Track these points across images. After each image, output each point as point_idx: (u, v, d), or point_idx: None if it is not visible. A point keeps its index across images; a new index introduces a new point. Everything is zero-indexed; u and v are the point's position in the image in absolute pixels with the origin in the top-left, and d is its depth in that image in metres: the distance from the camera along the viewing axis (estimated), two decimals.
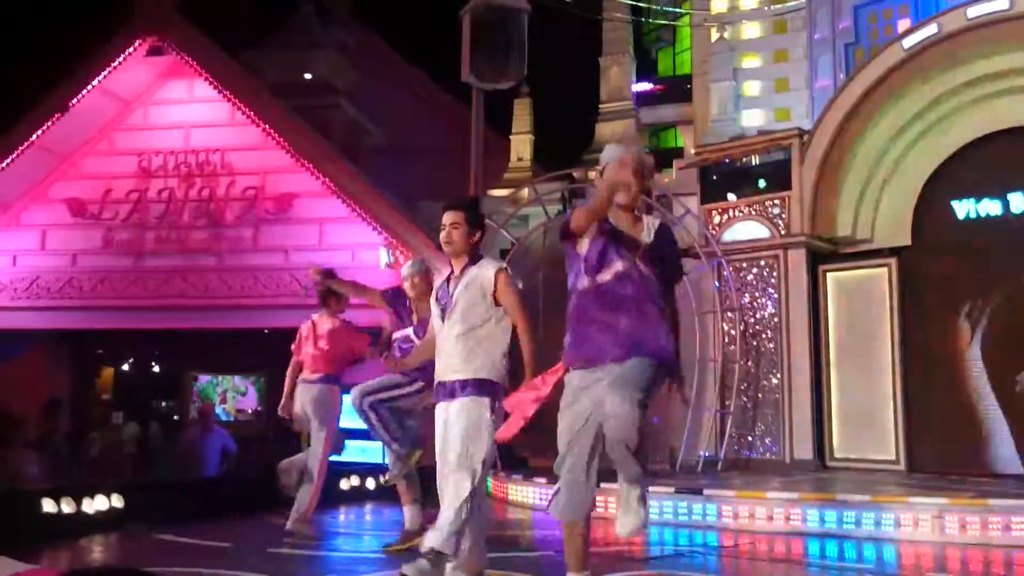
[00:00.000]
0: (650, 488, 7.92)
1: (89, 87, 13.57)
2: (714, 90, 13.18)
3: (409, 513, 6.09)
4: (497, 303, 4.21)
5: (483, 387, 4.13)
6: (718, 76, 13.19)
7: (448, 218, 4.32)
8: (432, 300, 4.36)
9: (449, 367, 4.20)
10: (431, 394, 5.93)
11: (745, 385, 11.20)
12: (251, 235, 13.52)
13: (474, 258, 4.31)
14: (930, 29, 10.13)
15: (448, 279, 4.32)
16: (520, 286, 4.33)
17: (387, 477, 6.36)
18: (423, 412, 6.17)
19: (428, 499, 5.32)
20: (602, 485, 3.83)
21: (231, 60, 13.99)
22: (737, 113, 13.14)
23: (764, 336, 11.23)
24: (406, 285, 6.10)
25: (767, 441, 10.96)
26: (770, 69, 13.33)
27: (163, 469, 11.87)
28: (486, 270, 4.24)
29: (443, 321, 4.24)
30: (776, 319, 11.07)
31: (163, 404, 17.33)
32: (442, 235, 4.32)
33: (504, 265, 4.32)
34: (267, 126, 13.26)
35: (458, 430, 4.09)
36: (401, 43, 18.67)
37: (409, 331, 6.08)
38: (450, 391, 4.19)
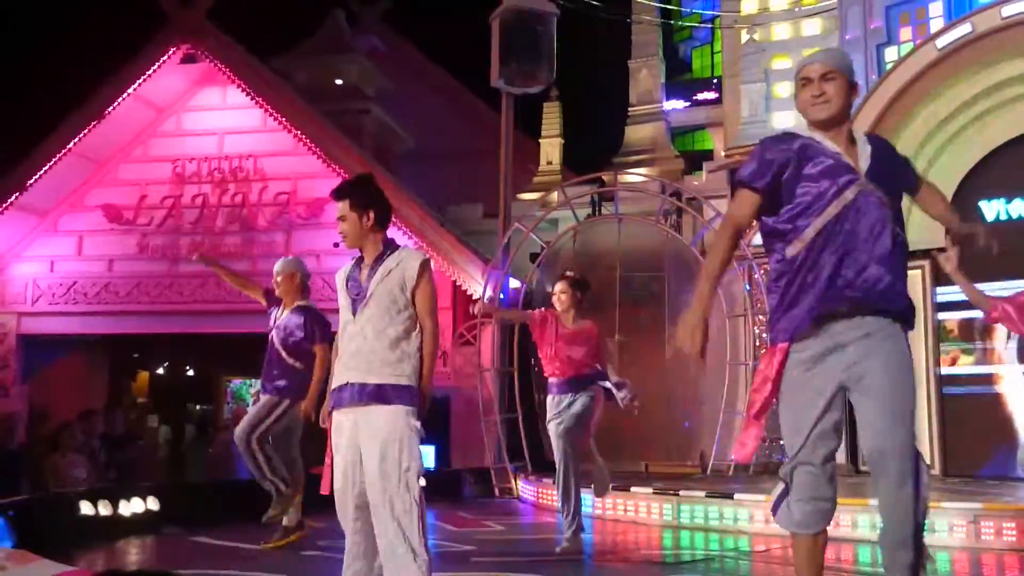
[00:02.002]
0: (683, 492, 7.95)
1: (124, 95, 13.75)
2: (744, 92, 13.12)
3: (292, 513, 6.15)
4: (413, 299, 3.76)
5: (411, 395, 3.65)
6: (748, 78, 13.12)
7: (337, 211, 3.85)
8: (341, 291, 3.86)
9: (365, 367, 3.66)
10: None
11: None
12: (283, 240, 13.64)
13: (388, 244, 3.85)
14: (964, 28, 10.01)
15: (357, 266, 3.86)
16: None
17: (265, 518, 6.11)
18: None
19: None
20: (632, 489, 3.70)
21: (263, 67, 14.13)
22: (768, 115, 13.06)
23: None
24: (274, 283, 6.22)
25: None
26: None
27: (197, 471, 12.02)
28: (409, 260, 3.78)
29: (354, 314, 3.74)
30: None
31: (197, 407, 17.55)
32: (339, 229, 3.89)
33: (427, 257, 3.89)
34: (299, 132, 13.37)
35: (390, 442, 3.55)
36: (431, 48, 18.78)
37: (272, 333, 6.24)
38: (369, 395, 3.62)
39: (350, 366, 3.68)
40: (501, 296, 11.52)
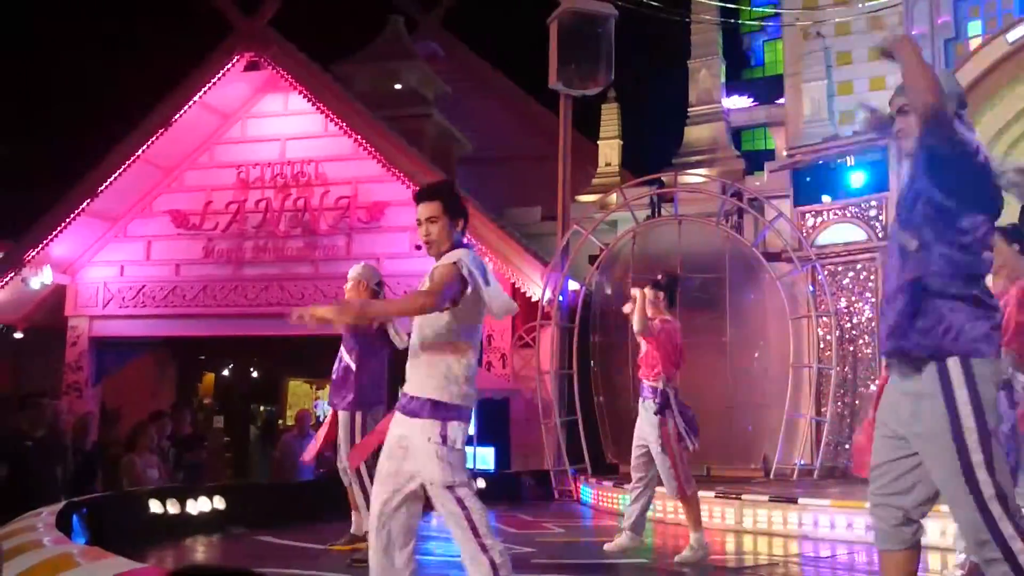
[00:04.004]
0: (745, 495, 7.85)
1: (191, 103, 14.05)
2: (807, 90, 12.91)
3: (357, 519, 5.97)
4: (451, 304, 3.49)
5: (436, 409, 3.47)
6: (811, 76, 12.91)
7: (423, 212, 3.60)
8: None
9: (408, 379, 3.58)
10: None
11: (842, 392, 10.93)
12: (344, 243, 13.80)
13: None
14: None
15: None
16: (467, 277, 3.46)
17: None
18: None
19: None
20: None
21: (324, 73, 14.32)
22: (831, 113, 12.84)
23: (861, 341, 10.94)
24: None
25: None
26: (865, 67, 12.99)
27: (261, 472, 12.21)
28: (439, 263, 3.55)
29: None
30: (874, 324, 10.77)
31: (262, 409, 17.84)
32: (420, 232, 3.64)
33: (458, 258, 3.53)
34: (359, 137, 13.52)
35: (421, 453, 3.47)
36: (490, 52, 18.86)
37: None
38: (407, 408, 3.52)
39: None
40: (560, 298, 11.51)
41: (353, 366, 5.94)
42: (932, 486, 2.90)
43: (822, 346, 11.10)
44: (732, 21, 15.05)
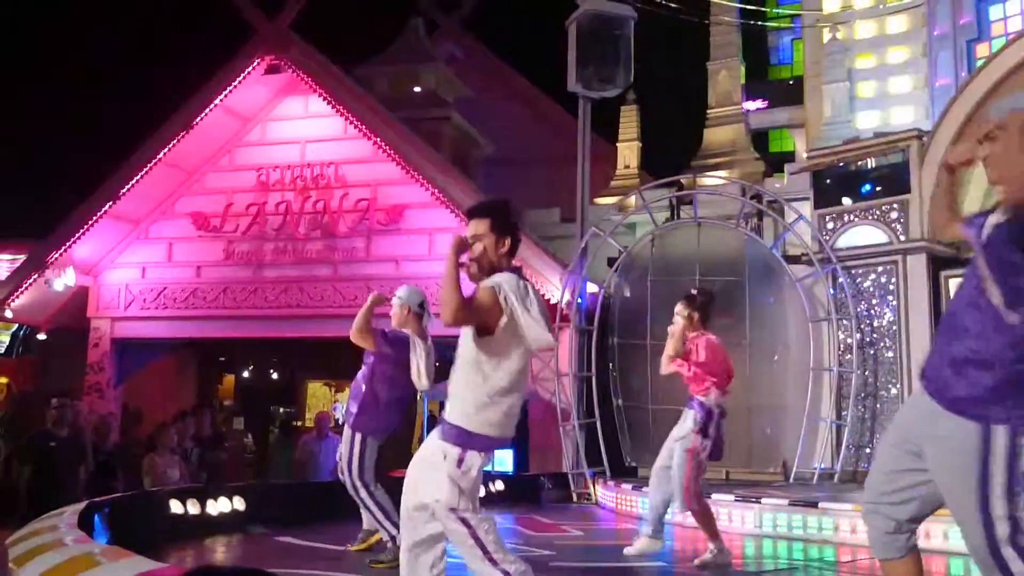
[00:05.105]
0: (765, 499, 7.81)
1: (211, 106, 14.13)
2: (827, 92, 12.86)
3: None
4: (480, 332, 3.41)
5: (459, 435, 3.42)
6: (831, 77, 12.85)
7: (470, 229, 3.54)
8: None
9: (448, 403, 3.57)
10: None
11: (862, 395, 10.85)
12: (364, 246, 13.83)
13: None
14: None
15: None
16: (509, 299, 3.41)
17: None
18: None
19: None
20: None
21: (344, 76, 14.36)
22: (851, 115, 12.77)
23: (882, 345, 10.86)
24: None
25: None
26: (886, 68, 12.92)
27: (281, 473, 12.26)
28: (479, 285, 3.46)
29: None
30: (895, 327, 10.70)
31: (281, 410, 17.91)
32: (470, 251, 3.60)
33: (497, 283, 3.44)
34: (379, 139, 13.55)
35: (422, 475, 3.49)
36: (509, 54, 18.88)
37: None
38: (442, 432, 3.52)
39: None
40: (579, 301, 11.50)
41: (363, 387, 5.92)
42: (929, 507, 2.86)
43: (842, 349, 11.03)
44: (751, 22, 14.99)
